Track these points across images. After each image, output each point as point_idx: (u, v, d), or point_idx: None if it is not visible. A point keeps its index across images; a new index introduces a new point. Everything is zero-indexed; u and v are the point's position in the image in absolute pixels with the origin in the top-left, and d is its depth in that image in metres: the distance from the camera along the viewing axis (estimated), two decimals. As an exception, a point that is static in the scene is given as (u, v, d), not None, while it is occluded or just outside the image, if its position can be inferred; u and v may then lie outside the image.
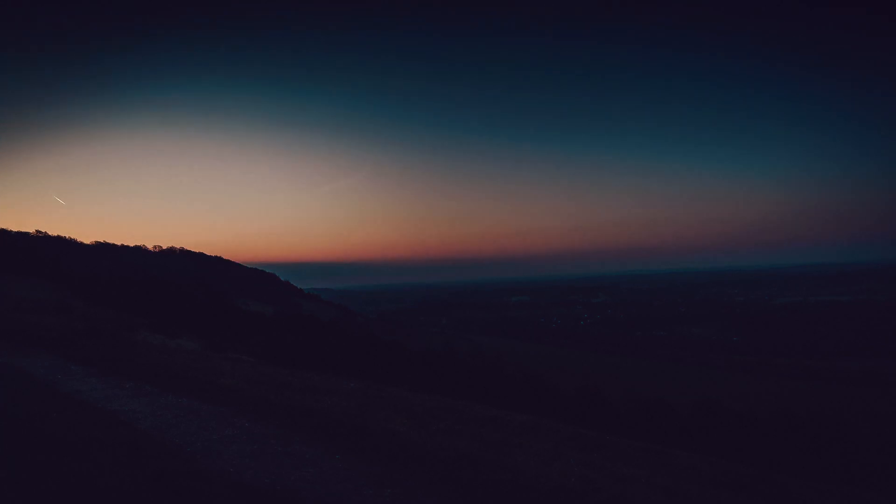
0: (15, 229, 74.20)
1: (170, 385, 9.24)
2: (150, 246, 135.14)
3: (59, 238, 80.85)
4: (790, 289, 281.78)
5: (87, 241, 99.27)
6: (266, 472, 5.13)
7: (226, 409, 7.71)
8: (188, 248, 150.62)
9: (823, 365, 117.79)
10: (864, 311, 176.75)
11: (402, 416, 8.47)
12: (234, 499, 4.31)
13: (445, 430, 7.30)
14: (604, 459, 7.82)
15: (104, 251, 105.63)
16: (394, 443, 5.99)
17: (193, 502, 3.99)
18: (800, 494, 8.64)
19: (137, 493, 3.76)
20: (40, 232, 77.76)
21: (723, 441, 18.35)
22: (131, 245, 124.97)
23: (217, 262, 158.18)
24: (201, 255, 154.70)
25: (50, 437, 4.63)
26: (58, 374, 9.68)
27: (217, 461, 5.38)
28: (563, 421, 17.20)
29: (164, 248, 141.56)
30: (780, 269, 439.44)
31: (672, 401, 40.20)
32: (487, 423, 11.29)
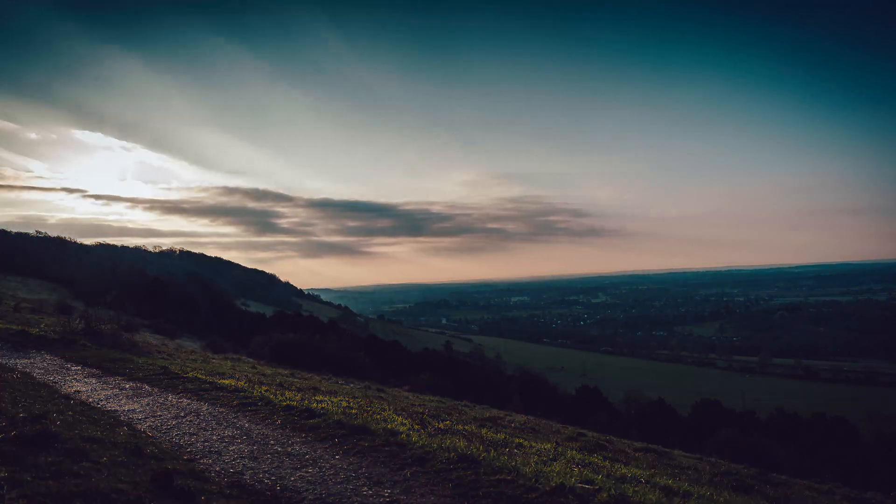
0: (15, 231, 74.34)
1: (170, 385, 9.25)
2: (150, 246, 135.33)
3: (59, 239, 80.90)
4: (790, 289, 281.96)
5: (87, 241, 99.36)
6: (266, 472, 5.14)
7: (226, 409, 7.72)
8: (188, 249, 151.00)
9: (823, 365, 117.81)
10: (864, 311, 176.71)
11: (402, 416, 8.48)
12: (234, 498, 4.31)
13: (445, 430, 7.30)
14: (604, 460, 7.82)
15: (104, 251, 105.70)
16: (394, 443, 6.00)
17: (193, 502, 3.99)
18: (800, 494, 8.65)
19: (137, 494, 3.77)
20: (40, 232, 77.82)
21: (722, 441, 18.36)
22: (131, 245, 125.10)
23: (217, 262, 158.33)
24: (201, 255, 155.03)
25: (50, 438, 4.64)
26: (57, 375, 9.67)
27: (217, 461, 5.39)
28: (563, 421, 17.23)
29: (165, 248, 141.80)
30: (781, 270, 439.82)
31: (672, 401, 40.24)
32: (487, 423, 11.30)
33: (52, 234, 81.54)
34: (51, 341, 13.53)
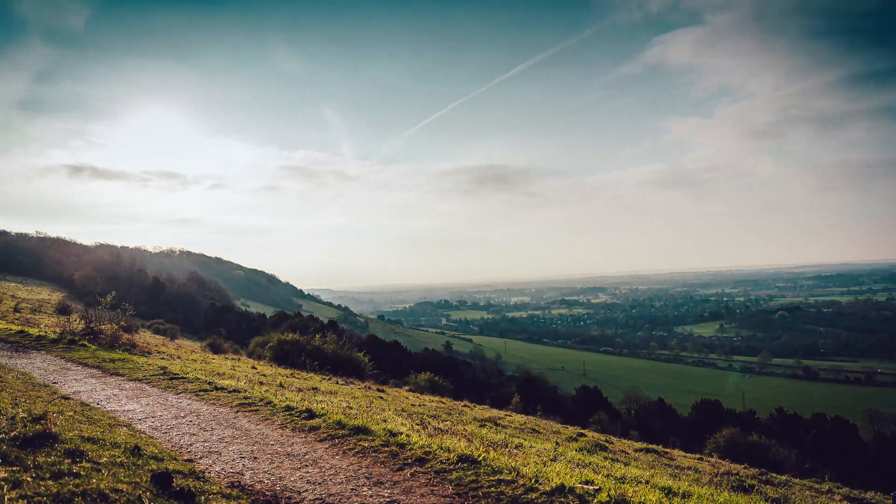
0: (15, 231, 74.25)
1: (169, 386, 9.25)
2: (150, 246, 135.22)
3: (59, 239, 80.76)
4: (790, 289, 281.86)
5: (87, 242, 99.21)
6: (266, 472, 5.14)
7: (225, 409, 7.72)
8: (188, 249, 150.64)
9: (823, 365, 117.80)
10: (864, 311, 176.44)
11: (402, 416, 8.48)
12: (234, 499, 4.31)
13: (445, 431, 7.30)
14: (604, 460, 7.83)
15: (104, 251, 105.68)
16: (394, 443, 5.99)
17: (193, 503, 3.99)
18: (800, 494, 8.66)
19: (137, 494, 3.76)
20: (40, 232, 77.65)
21: (722, 441, 18.36)
22: (131, 246, 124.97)
23: (217, 262, 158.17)
24: (202, 255, 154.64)
25: (49, 438, 4.63)
26: (57, 375, 9.67)
27: (217, 461, 5.38)
28: (563, 421, 17.24)
29: (165, 248, 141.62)
30: (781, 270, 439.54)
31: (672, 401, 40.23)
32: (487, 423, 11.31)
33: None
34: (50, 342, 13.53)
